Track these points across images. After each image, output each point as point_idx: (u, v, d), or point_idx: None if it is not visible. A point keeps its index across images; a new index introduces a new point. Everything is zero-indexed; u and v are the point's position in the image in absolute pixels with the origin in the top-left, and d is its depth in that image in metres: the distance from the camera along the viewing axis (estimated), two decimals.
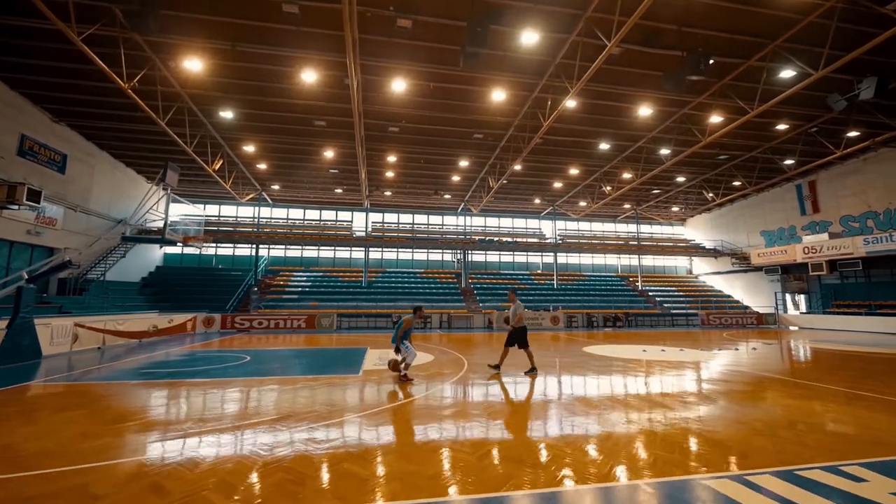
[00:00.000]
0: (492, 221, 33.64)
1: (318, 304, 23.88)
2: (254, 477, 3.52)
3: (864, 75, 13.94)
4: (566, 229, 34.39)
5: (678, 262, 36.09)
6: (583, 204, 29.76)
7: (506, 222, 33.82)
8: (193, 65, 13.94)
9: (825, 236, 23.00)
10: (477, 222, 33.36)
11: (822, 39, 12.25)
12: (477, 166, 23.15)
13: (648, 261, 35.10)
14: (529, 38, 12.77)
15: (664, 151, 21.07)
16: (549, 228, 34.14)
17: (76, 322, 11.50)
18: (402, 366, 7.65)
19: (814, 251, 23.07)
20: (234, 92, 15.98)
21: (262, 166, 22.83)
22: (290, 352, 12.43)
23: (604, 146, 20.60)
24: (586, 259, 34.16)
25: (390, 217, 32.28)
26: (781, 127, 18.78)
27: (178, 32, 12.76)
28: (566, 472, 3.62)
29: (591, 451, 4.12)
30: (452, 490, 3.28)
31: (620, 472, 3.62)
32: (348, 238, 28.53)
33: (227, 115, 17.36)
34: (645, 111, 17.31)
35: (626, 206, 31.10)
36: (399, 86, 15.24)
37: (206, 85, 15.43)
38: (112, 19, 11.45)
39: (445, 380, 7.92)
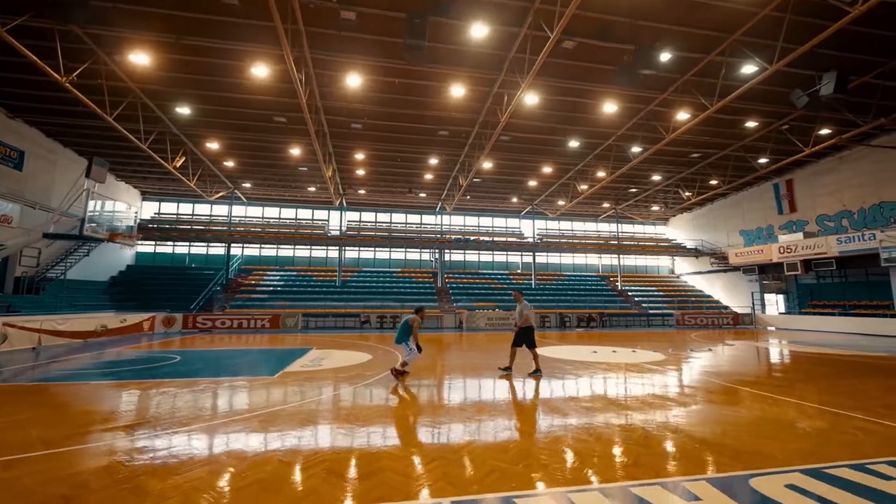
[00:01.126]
0: (471, 220, 33.32)
1: (288, 303, 23.52)
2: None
3: (824, 70, 13.64)
4: (547, 229, 34.09)
5: (661, 263, 35.82)
6: (561, 203, 29.45)
7: (485, 221, 33.51)
8: (140, 59, 13.61)
9: (800, 236, 22.72)
10: (456, 221, 33.05)
11: (778, 33, 11.97)
12: (448, 164, 22.84)
13: (631, 261, 34.83)
14: (479, 31, 12.46)
15: (635, 149, 20.77)
16: (530, 228, 33.88)
17: (5, 322, 11.15)
18: (399, 364, 7.95)
19: (789, 251, 22.79)
20: (188, 87, 15.64)
21: (230, 164, 22.48)
22: (227, 352, 12.11)
23: (573, 143, 20.29)
24: (567, 259, 33.85)
25: (368, 216, 31.95)
26: (751, 124, 18.49)
27: (121, 25, 12.42)
28: (385, 489, 3.31)
29: (418, 464, 3.81)
30: None
31: (425, 492, 3.31)
32: (322, 237, 28.16)
33: (184, 110, 17.01)
34: (610, 108, 17.00)
35: (606, 205, 30.80)
36: (354, 81, 14.93)
37: (158, 80, 15.09)
38: (42, 10, 11.10)
39: (357, 382, 7.60)
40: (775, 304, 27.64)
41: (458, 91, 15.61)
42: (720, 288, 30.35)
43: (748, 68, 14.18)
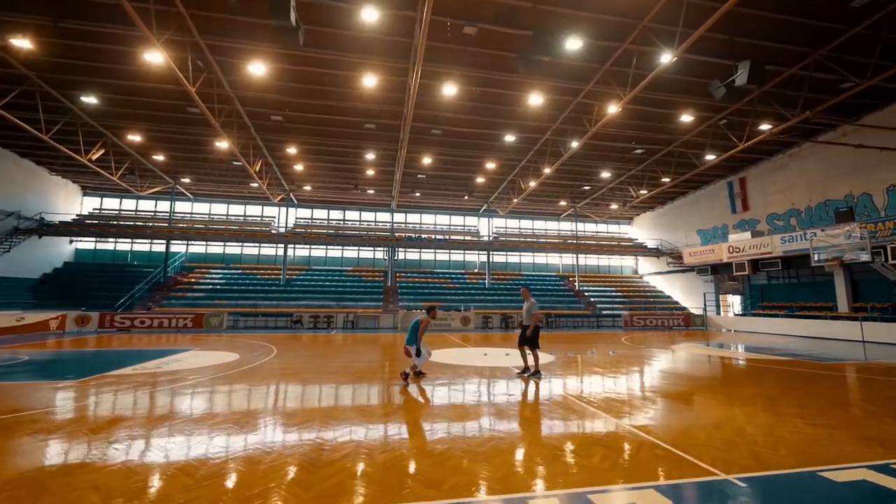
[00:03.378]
0: (429, 218, 32.62)
1: (227, 303, 22.82)
2: None
3: (739, 60, 13.01)
4: (507, 228, 33.40)
5: (626, 263, 35.18)
6: (516, 201, 28.78)
7: (443, 219, 32.80)
8: (23, 43, 12.89)
9: (748, 235, 22.11)
10: (413, 219, 32.35)
11: (680, 18, 11.32)
12: (386, 160, 22.14)
13: (594, 261, 34.21)
14: (370, 15, 11.79)
15: (574, 144, 20.13)
16: (494, 226, 33.22)
17: None
18: (410, 368, 7.63)
19: (737, 251, 22.17)
20: (89, 75, 14.89)
21: (160, 157, 21.73)
22: (85, 353, 11.35)
23: (510, 138, 19.61)
24: (528, 259, 33.18)
25: (321, 213, 31.20)
26: (687, 119, 17.85)
27: None
28: None
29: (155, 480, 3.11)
30: None
31: None
32: (266, 234, 27.39)
33: (90, 99, 16.28)
34: (536, 100, 16.34)
35: (563, 203, 30.15)
36: (258, 69, 14.23)
37: (55, 67, 14.37)
38: None
39: (162, 386, 6.88)
40: (731, 305, 27.06)
41: (370, 81, 14.93)
42: (679, 288, 29.75)
43: (666, 57, 13.56)
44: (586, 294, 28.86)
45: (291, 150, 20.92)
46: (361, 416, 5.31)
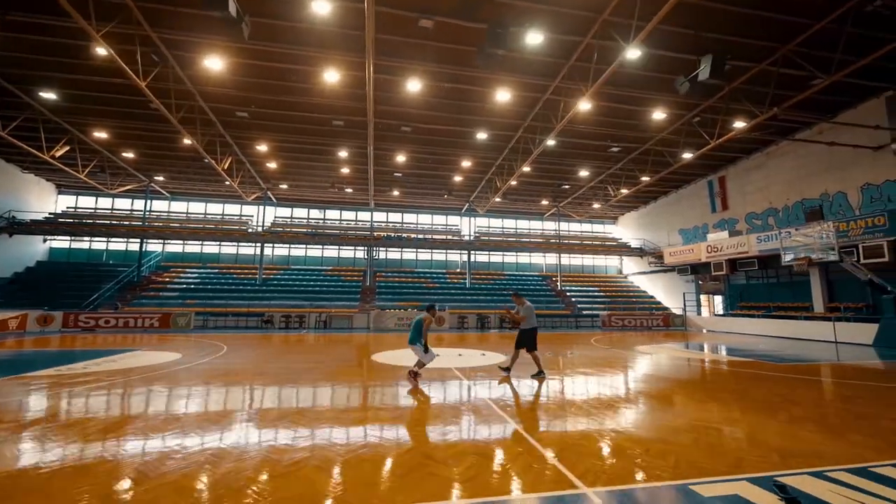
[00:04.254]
0: (410, 217, 32.32)
1: (200, 302, 22.49)
2: None
3: (702, 55, 12.73)
4: (490, 227, 33.11)
5: (611, 263, 34.91)
6: (497, 200, 28.49)
7: (425, 219, 32.50)
8: None
9: (725, 234, 21.87)
10: (395, 218, 32.05)
11: (640, 12, 11.04)
12: (360, 157, 21.81)
13: (577, 261, 33.94)
14: (321, 7, 11.49)
15: (550, 142, 19.86)
16: (479, 226, 32.95)
17: None
18: (416, 365, 7.52)
19: (715, 250, 21.93)
20: (43, 69, 14.56)
21: (130, 155, 21.40)
22: (23, 353, 11.11)
23: (482, 136, 19.33)
24: (511, 258, 32.89)
25: (300, 212, 30.87)
26: (660, 116, 17.59)
27: None
28: None
29: None
30: None
31: None
32: (242, 233, 27.05)
33: (49, 95, 15.95)
34: (503, 96, 16.06)
35: (545, 202, 29.87)
36: (215, 64, 13.92)
37: (5, 61, 14.05)
38: None
39: (92, 385, 6.57)
40: (712, 305, 26.83)
41: (331, 76, 14.64)
42: (662, 289, 29.49)
43: (629, 52, 13.29)
44: (568, 294, 28.59)
45: (262, 148, 20.62)
46: (255, 421, 5.01)
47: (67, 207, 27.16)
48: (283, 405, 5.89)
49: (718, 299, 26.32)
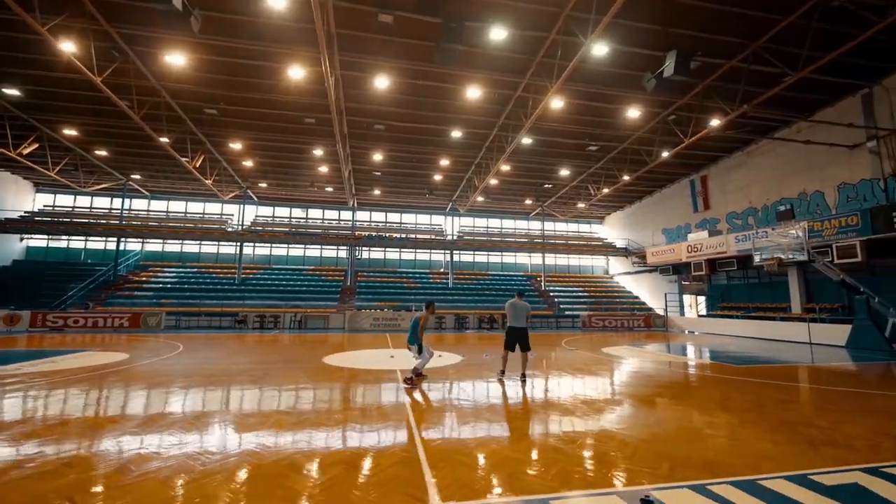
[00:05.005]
0: (394, 217, 32.08)
1: (176, 301, 22.26)
2: None
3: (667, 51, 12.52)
4: (475, 227, 32.88)
5: (597, 263, 34.68)
6: (480, 199, 28.28)
7: (409, 218, 32.26)
8: None
9: (705, 234, 21.65)
10: (378, 217, 31.82)
11: (599, 6, 10.81)
12: (335, 156, 21.53)
13: (563, 261, 33.72)
14: (276, 1, 11.26)
15: (527, 141, 19.67)
16: (463, 225, 32.72)
17: None
18: (412, 373, 7.43)
19: (696, 250, 21.71)
20: (3, 65, 14.32)
21: (103, 153, 21.15)
22: None
23: (457, 134, 19.11)
24: (496, 258, 32.65)
25: (283, 211, 30.63)
26: (634, 114, 17.35)
27: None
28: None
29: None
30: None
31: None
32: (220, 232, 26.79)
33: (12, 91, 15.71)
34: (474, 93, 15.82)
35: (529, 202, 29.63)
36: (177, 59, 13.68)
37: None
38: None
39: (9, 387, 6.34)
40: (695, 305, 26.62)
41: (296, 73, 14.40)
42: (646, 289, 29.28)
43: (595, 48, 13.08)
44: (551, 294, 28.36)
45: (236, 146, 20.38)
46: (143, 427, 4.78)
47: (45, 206, 26.91)
48: (186, 409, 5.65)
49: (702, 300, 26.11)
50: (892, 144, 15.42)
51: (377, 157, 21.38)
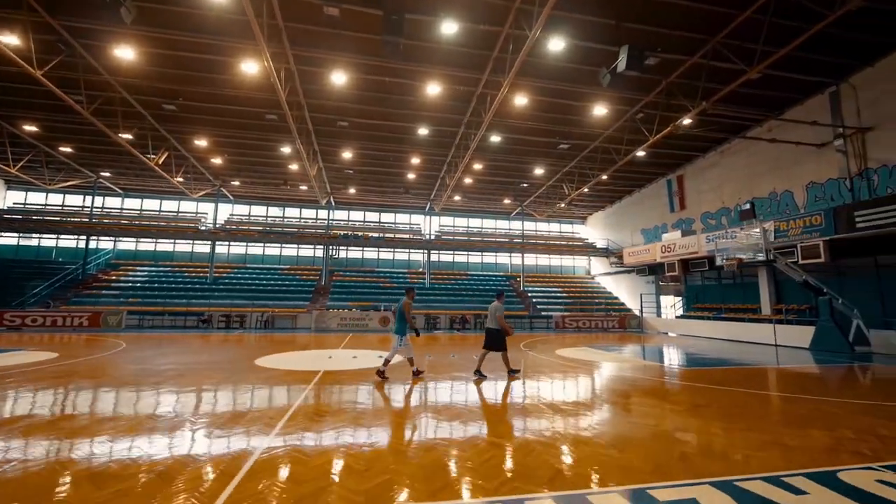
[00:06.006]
0: (372, 216, 31.79)
1: (145, 300, 21.96)
2: None
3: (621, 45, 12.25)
4: (455, 226, 32.59)
5: (579, 263, 34.39)
6: (458, 198, 28.01)
7: (388, 217, 31.97)
8: None
9: (678, 234, 21.35)
10: (356, 216, 31.53)
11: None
12: (299, 154, 21.25)
13: (545, 261, 33.44)
14: None
15: (495, 139, 19.42)
16: (442, 225, 32.43)
17: None
18: (410, 361, 7.69)
19: (669, 250, 21.43)
20: None
21: (67, 149, 20.84)
22: None
23: (423, 131, 18.83)
24: (476, 258, 32.35)
25: (259, 209, 30.32)
26: (601, 112, 17.08)
27: None
28: None
29: None
30: None
31: None
32: (192, 230, 26.46)
33: None
34: (434, 90, 15.54)
35: (507, 201, 29.35)
36: (126, 53, 13.38)
37: None
38: None
39: None
40: (674, 306, 26.36)
41: (249, 68, 14.09)
42: (625, 289, 29.01)
43: (551, 42, 12.84)
44: (529, 294, 28.07)
45: (202, 143, 20.07)
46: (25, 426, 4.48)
47: (14, 203, 26.57)
48: (55, 411, 5.35)
49: (679, 300, 25.85)
50: (859, 143, 15.18)
51: (347, 154, 21.09)
